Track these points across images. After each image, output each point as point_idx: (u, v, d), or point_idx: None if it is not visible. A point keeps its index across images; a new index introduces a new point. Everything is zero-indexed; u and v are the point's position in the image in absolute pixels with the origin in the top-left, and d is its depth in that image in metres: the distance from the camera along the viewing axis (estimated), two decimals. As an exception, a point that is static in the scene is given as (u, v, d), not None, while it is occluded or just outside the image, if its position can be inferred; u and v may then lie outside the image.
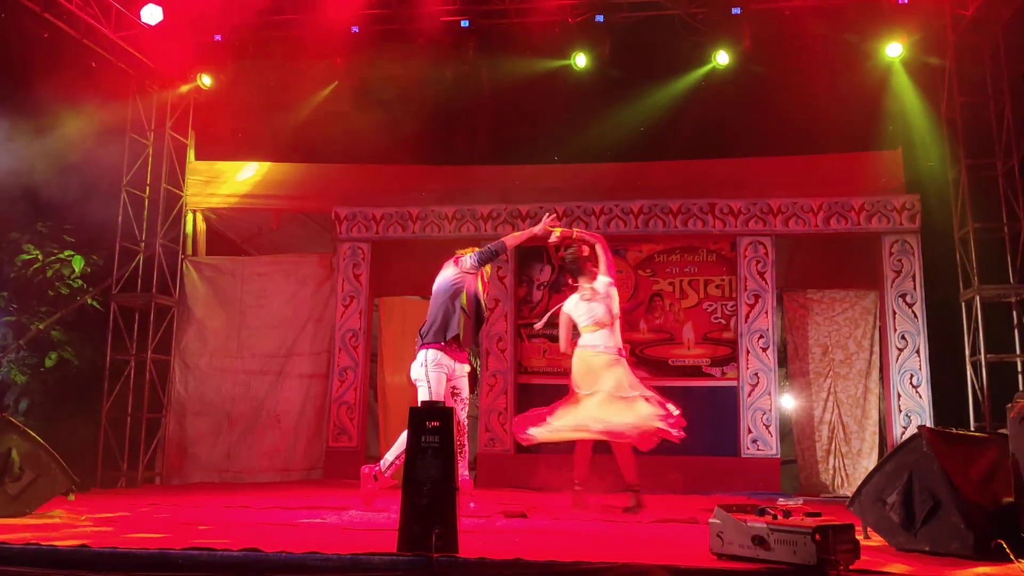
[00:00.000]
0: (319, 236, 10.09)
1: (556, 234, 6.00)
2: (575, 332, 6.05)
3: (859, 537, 3.80)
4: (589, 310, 5.98)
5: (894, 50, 8.40)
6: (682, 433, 5.69)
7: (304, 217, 10.18)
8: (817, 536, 3.51)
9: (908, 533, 4.23)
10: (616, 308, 5.97)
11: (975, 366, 8.10)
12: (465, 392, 5.85)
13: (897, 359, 8.42)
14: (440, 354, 5.70)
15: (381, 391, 9.41)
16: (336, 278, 9.30)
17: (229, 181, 9.73)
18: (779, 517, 3.73)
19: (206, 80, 9.26)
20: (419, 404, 5.44)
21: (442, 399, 5.53)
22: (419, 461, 3.83)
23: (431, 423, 3.88)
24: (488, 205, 9.18)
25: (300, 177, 9.69)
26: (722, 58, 8.66)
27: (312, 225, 10.20)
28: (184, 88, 9.35)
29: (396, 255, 9.28)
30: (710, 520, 3.90)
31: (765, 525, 3.67)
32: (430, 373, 5.66)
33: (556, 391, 8.85)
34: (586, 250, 6.11)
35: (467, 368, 5.88)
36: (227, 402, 9.26)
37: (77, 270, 9.21)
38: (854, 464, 8.56)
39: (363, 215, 9.33)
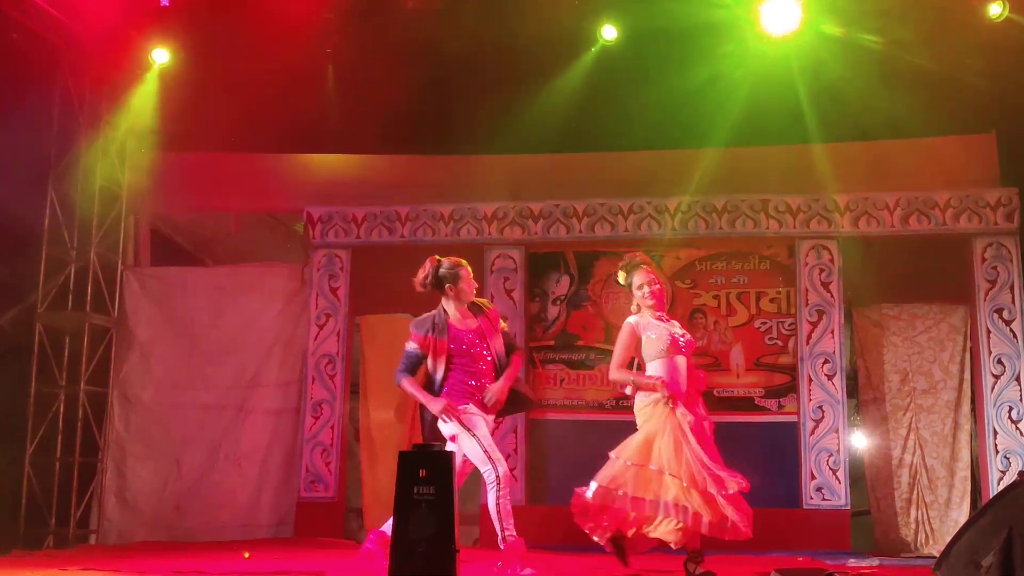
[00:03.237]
0: (288, 242, 10.15)
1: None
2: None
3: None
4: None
5: (992, 11, 8.31)
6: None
7: (270, 219, 10.21)
8: (897, 607, 3.50)
9: (1009, 603, 4.22)
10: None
11: (1089, 396, 8.08)
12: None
13: (993, 388, 8.40)
14: None
15: (364, 430, 9.39)
16: (308, 292, 9.31)
17: (179, 176, 9.74)
18: (850, 584, 3.72)
19: (159, 56, 9.27)
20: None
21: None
22: (411, 516, 3.84)
23: (425, 470, 3.88)
24: (493, 203, 9.21)
25: (265, 170, 9.72)
26: (773, 24, 8.57)
27: (280, 228, 10.23)
28: (128, 67, 9.35)
29: (381, 264, 9.27)
30: (766, 588, 3.89)
31: (833, 594, 3.65)
32: None
33: (576, 429, 8.94)
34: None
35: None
36: (177, 444, 9.26)
37: None
38: (941, 517, 8.53)
39: (341, 216, 9.35)
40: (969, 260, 8.65)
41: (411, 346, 5.78)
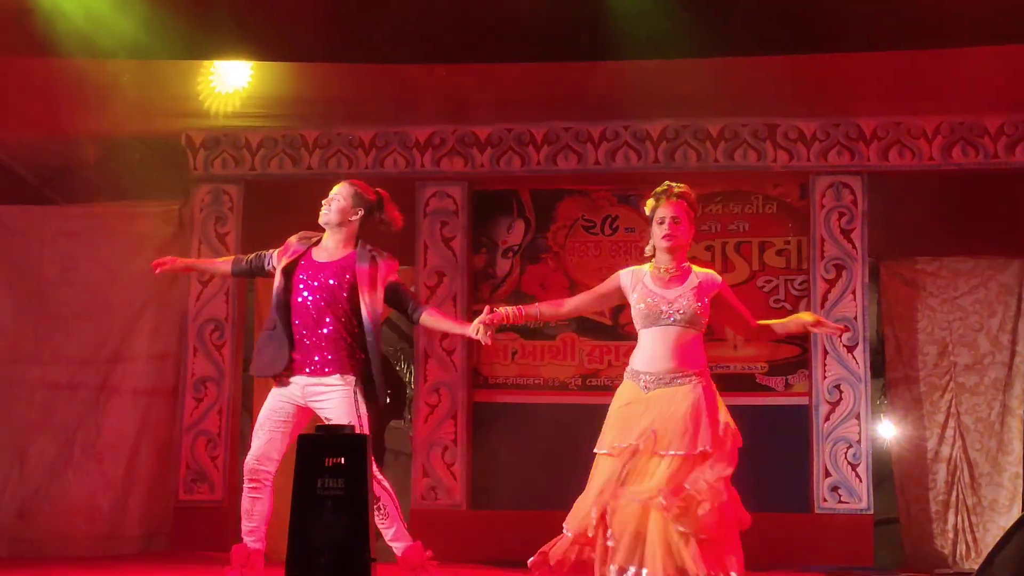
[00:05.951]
0: (161, 173, 10.01)
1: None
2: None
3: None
4: None
5: None
6: None
7: (139, 144, 10.06)
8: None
9: (1068, 623, 4.25)
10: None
11: None
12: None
13: (1053, 364, 8.54)
14: None
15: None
16: (189, 239, 9.34)
17: (20, 87, 9.54)
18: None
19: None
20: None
21: None
22: (313, 517, 3.79)
23: (332, 459, 3.83)
24: (427, 126, 9.24)
25: (131, 79, 9.50)
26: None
27: (152, 156, 10.11)
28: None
29: (283, 203, 9.21)
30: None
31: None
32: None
33: (531, 414, 8.92)
34: None
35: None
36: (19, 433, 9.26)
37: None
38: (985, 523, 8.69)
39: (231, 140, 9.36)
40: (1026, 203, 8.75)
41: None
